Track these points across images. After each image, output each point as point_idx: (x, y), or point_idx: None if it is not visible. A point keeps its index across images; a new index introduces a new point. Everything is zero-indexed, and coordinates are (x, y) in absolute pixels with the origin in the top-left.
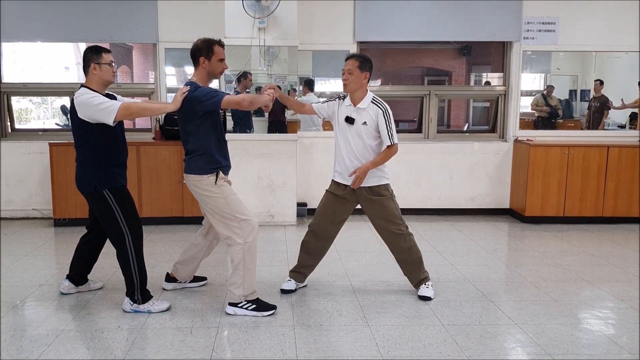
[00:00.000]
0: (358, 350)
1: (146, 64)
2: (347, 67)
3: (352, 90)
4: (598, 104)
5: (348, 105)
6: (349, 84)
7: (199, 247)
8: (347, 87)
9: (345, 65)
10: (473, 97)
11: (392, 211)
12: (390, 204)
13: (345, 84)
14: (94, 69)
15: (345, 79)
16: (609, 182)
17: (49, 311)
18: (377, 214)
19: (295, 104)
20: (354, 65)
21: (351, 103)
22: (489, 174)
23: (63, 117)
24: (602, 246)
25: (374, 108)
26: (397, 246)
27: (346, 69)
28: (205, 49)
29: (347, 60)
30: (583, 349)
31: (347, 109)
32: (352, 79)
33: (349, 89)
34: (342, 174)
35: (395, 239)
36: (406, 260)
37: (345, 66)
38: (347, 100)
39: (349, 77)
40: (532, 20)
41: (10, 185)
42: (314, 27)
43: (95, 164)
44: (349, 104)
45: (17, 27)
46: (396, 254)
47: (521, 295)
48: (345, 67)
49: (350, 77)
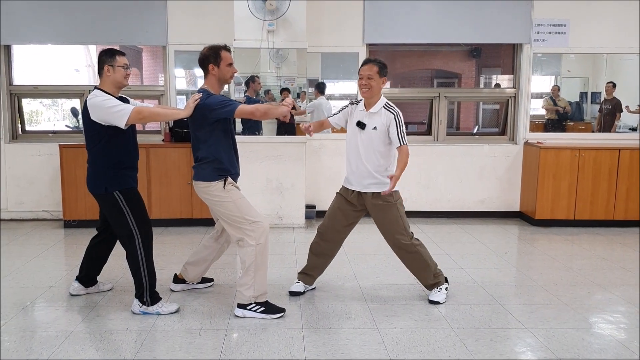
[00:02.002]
0: (367, 353)
1: (156, 67)
2: (367, 73)
3: (371, 96)
4: (610, 106)
5: (361, 110)
6: (369, 90)
7: (210, 250)
8: (367, 92)
9: (364, 71)
10: (483, 99)
11: (396, 219)
12: (394, 211)
13: (365, 89)
14: (107, 71)
15: (365, 85)
16: (620, 185)
17: (58, 312)
18: (381, 220)
19: (316, 125)
20: (373, 70)
21: (364, 108)
22: (499, 177)
23: (73, 119)
24: (613, 250)
25: (385, 113)
26: (401, 254)
27: (366, 74)
28: (212, 55)
29: (365, 65)
30: (594, 354)
31: (360, 113)
32: (372, 84)
33: (368, 95)
34: (348, 178)
35: (398, 246)
36: (412, 266)
37: (364, 71)
38: (360, 104)
39: (370, 82)
40: (543, 22)
41: (21, 187)
42: (323, 29)
43: (107, 166)
44: (362, 108)
45: (28, 29)
46: (403, 261)
47: (531, 299)
48: (364, 73)
49: (371, 83)
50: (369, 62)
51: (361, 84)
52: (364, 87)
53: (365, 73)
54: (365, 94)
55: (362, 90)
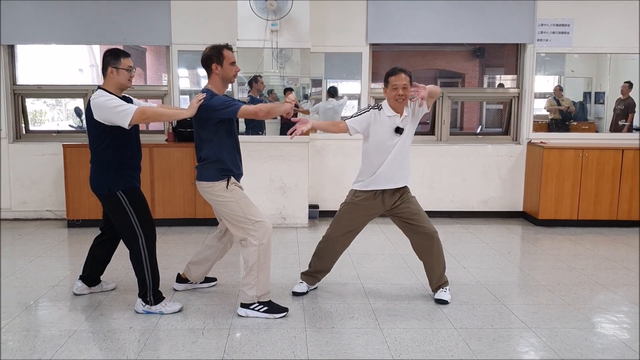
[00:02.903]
0: (370, 353)
1: (159, 66)
2: (404, 83)
3: (405, 104)
4: (623, 106)
5: (391, 115)
6: (405, 99)
7: (213, 249)
8: (404, 102)
9: (399, 80)
10: (486, 99)
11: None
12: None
13: (402, 100)
14: (111, 73)
15: (402, 95)
16: (623, 185)
17: (62, 312)
18: (416, 209)
19: (329, 125)
20: (407, 80)
21: (396, 113)
22: (502, 177)
23: (77, 119)
24: (616, 250)
25: (407, 110)
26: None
27: (401, 84)
28: (215, 55)
29: (399, 74)
30: (597, 354)
31: (391, 119)
32: (407, 94)
33: (404, 105)
34: (378, 181)
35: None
36: (439, 258)
37: (398, 80)
38: (387, 110)
39: (405, 92)
40: (546, 22)
41: (25, 187)
42: (326, 29)
43: (110, 166)
44: (392, 114)
45: (31, 29)
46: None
47: (534, 299)
48: (399, 82)
49: (407, 92)
50: (401, 71)
51: (397, 95)
52: (401, 97)
53: (401, 83)
54: (402, 103)
55: (398, 100)
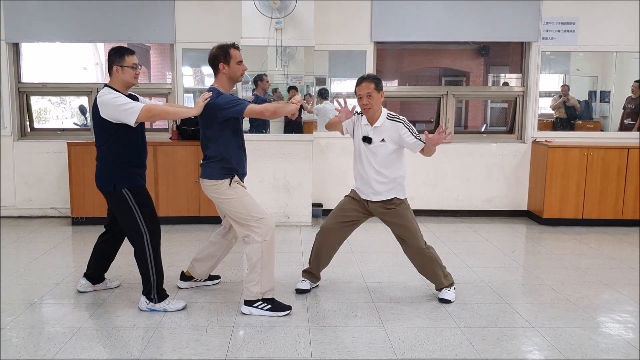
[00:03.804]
0: (373, 351)
1: (163, 65)
2: (366, 91)
3: (374, 112)
4: (634, 105)
5: (365, 124)
6: (371, 107)
7: (217, 246)
8: (369, 111)
9: (362, 90)
10: (491, 98)
11: (411, 223)
12: (408, 214)
13: (367, 108)
14: (116, 71)
15: (366, 104)
16: (629, 184)
17: (66, 309)
18: (397, 226)
19: (330, 124)
20: (370, 87)
21: (368, 122)
22: (507, 176)
23: (81, 117)
24: (621, 249)
25: (392, 124)
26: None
27: (364, 93)
28: (222, 54)
29: (361, 84)
30: (602, 353)
31: (365, 128)
32: (372, 102)
33: (371, 112)
34: (359, 189)
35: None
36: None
37: (361, 90)
38: (364, 118)
39: (370, 101)
40: (551, 21)
41: (29, 184)
42: (330, 27)
43: (116, 163)
44: (366, 123)
45: (36, 27)
46: (419, 266)
47: (539, 298)
48: (362, 92)
49: (371, 101)
50: (364, 80)
51: (362, 104)
52: (365, 106)
53: (364, 92)
54: (368, 112)
55: (364, 109)
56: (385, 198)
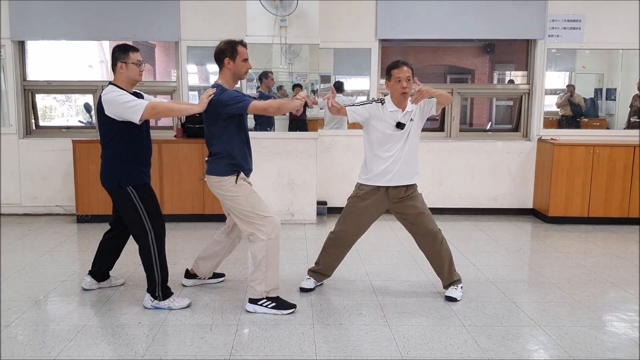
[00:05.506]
0: (378, 350)
1: (168, 62)
2: (406, 75)
3: (408, 97)
4: None
5: (393, 110)
6: (409, 92)
7: (221, 245)
8: (406, 95)
9: (402, 72)
10: (496, 95)
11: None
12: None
13: (406, 92)
14: (120, 68)
15: (405, 87)
16: (635, 182)
17: (71, 307)
18: (420, 209)
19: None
20: (410, 72)
21: (398, 108)
22: (512, 174)
23: (86, 115)
24: (627, 247)
25: (420, 105)
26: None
27: (404, 76)
28: (229, 50)
29: (403, 67)
30: (607, 352)
31: (393, 114)
32: (410, 87)
33: (407, 97)
34: (383, 176)
35: (434, 235)
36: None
37: (401, 73)
38: (389, 105)
39: (409, 85)
40: (557, 18)
41: (34, 182)
42: (335, 24)
43: (120, 161)
44: (394, 109)
45: (41, 25)
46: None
47: (544, 297)
48: (402, 75)
49: (409, 85)
50: (404, 64)
51: (402, 87)
52: (405, 89)
53: (404, 75)
54: (405, 96)
55: (403, 94)
56: (409, 182)
